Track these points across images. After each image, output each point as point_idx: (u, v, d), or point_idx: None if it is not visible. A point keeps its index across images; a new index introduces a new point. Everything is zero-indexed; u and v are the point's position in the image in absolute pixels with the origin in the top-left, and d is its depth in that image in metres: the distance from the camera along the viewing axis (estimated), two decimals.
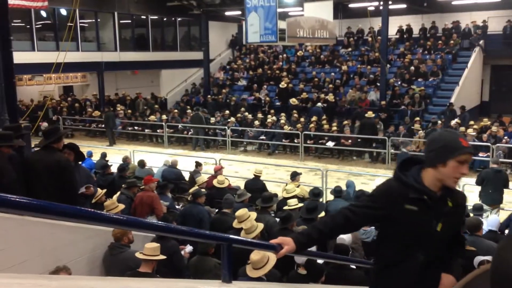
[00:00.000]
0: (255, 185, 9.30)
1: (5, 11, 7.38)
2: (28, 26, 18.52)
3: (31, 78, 21.99)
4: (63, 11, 19.55)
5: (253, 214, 6.18)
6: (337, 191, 8.23)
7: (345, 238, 5.63)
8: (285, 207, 7.19)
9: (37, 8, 16.73)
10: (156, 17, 23.77)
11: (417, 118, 15.67)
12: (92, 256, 4.75)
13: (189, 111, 19.05)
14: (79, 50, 19.94)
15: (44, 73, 19.12)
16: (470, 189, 9.60)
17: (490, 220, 6.92)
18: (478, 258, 4.99)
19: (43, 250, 3.98)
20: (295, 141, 15.99)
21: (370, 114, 15.88)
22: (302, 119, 16.64)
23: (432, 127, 14.39)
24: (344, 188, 8.76)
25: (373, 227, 6.84)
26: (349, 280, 4.82)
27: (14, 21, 17.14)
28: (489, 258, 4.69)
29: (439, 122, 15.17)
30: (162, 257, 4.67)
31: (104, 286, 2.31)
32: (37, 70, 18.08)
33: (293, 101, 18.81)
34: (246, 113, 18.28)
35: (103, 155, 10.82)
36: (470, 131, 12.69)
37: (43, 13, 18.89)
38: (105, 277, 4.37)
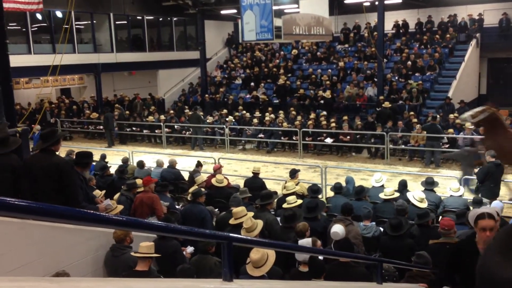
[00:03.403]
0: (254, 183, 9.30)
1: (0, 14, 7.36)
2: (24, 29, 18.47)
3: (28, 81, 21.97)
4: (59, 13, 19.52)
5: (250, 213, 6.20)
6: (337, 188, 8.25)
7: (339, 231, 5.64)
8: (284, 205, 7.20)
9: (32, 11, 16.69)
10: (152, 17, 23.75)
11: (412, 113, 15.72)
12: (94, 258, 4.76)
13: (187, 110, 19.04)
14: (76, 52, 19.91)
15: (41, 76, 19.08)
16: None
17: (495, 205, 6.95)
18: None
19: (44, 253, 3.98)
20: (294, 138, 16.00)
21: (386, 104, 16.29)
22: (299, 117, 16.65)
23: (431, 121, 14.41)
24: (343, 184, 8.78)
25: (373, 223, 6.86)
26: (351, 276, 4.84)
27: (10, 24, 17.09)
28: None
29: (438, 116, 15.20)
30: (157, 255, 4.71)
31: (103, 287, 2.31)
32: (34, 73, 18.06)
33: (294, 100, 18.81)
34: (244, 112, 18.28)
35: (103, 157, 10.81)
36: (468, 124, 12.73)
37: (39, 16, 18.85)
38: (106, 278, 4.38)
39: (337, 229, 5.65)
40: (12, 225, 3.72)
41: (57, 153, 5.41)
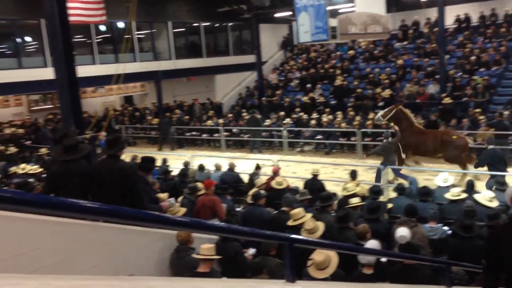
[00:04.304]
0: (314, 185, 9.24)
1: (68, 28, 7.77)
2: (89, 41, 19.39)
3: (94, 90, 23.04)
4: (121, 24, 20.32)
5: (308, 214, 6.16)
6: (399, 188, 8.04)
7: (406, 235, 5.48)
8: (347, 206, 7.10)
9: (96, 22, 17.52)
10: (208, 23, 24.19)
11: (478, 110, 15.02)
12: (160, 259, 4.90)
13: (244, 114, 19.25)
14: (137, 60, 20.62)
15: (105, 84, 19.92)
16: None
17: None
18: None
19: (114, 254, 4.15)
20: (352, 139, 15.75)
21: (447, 100, 15.79)
22: (358, 117, 16.37)
23: (498, 118, 13.71)
24: (406, 185, 8.54)
25: (440, 224, 6.62)
26: (417, 279, 4.69)
27: (76, 36, 18.00)
28: None
29: (506, 112, 14.43)
30: (217, 256, 4.79)
31: (173, 286, 2.38)
32: (99, 82, 18.86)
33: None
34: (301, 113, 18.22)
35: (164, 161, 11.12)
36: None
37: (102, 28, 19.73)
38: (174, 278, 4.49)
39: (404, 232, 5.49)
40: (84, 227, 3.91)
41: (122, 157, 5.63)
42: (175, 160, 13.82)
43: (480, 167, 10.64)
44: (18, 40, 17.62)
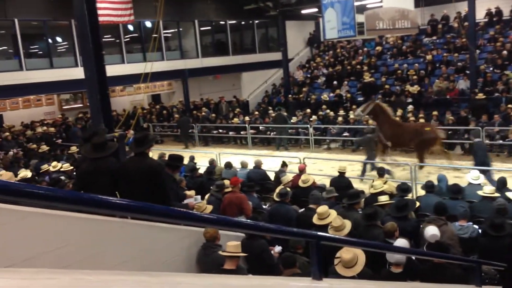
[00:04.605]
0: (341, 183, 9.18)
1: (97, 28, 7.91)
2: (117, 41, 19.71)
3: (122, 89, 23.42)
4: (148, 24, 20.59)
5: (333, 212, 6.13)
6: (428, 186, 7.90)
7: (436, 233, 5.39)
8: (375, 204, 7.03)
9: (125, 22, 17.80)
10: (234, 21, 24.27)
11: (510, 105, 14.63)
12: (187, 255, 4.95)
13: (270, 111, 19.24)
14: (164, 59, 20.87)
15: (133, 83, 20.21)
16: None
17: None
18: None
19: (142, 250, 4.21)
20: None
21: (480, 95, 15.59)
22: None
23: None
24: (435, 182, 8.39)
25: (470, 223, 6.49)
26: (447, 278, 4.62)
27: (105, 36, 18.31)
28: None
29: None
30: (244, 254, 4.81)
31: (200, 283, 2.41)
32: (127, 81, 19.15)
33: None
34: (328, 110, 18.10)
35: (191, 158, 11.21)
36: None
37: (130, 27, 20.03)
38: (201, 274, 4.54)
39: (434, 231, 5.41)
40: (113, 224, 3.99)
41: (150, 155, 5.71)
42: (202, 158, 13.93)
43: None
44: (50, 40, 18.03)
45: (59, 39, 19.18)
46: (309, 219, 6.41)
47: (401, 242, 5.09)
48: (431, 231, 5.45)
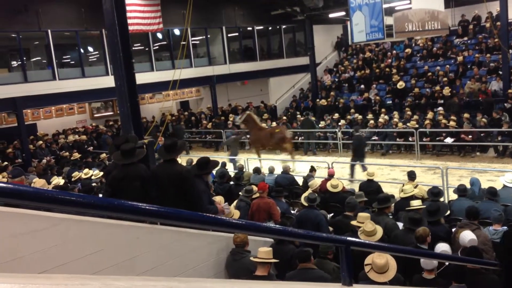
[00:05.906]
0: (370, 187, 9.06)
1: (127, 37, 8.06)
2: (147, 49, 20.03)
3: (151, 96, 23.76)
4: (177, 31, 20.87)
5: (366, 216, 6.06)
6: (461, 190, 7.72)
7: (474, 238, 5.26)
8: (408, 209, 6.90)
9: (154, 31, 18.10)
10: (261, 27, 24.34)
11: None
12: (216, 261, 4.96)
13: (298, 116, 19.18)
14: (192, 66, 21.07)
15: (162, 90, 20.48)
16: None
17: None
18: None
19: (171, 256, 4.25)
20: (410, 139, 15.33)
21: None
22: (415, 117, 15.89)
23: None
24: (468, 186, 8.19)
25: (505, 227, 6.30)
26: (481, 284, 4.49)
27: (135, 45, 18.64)
28: None
29: None
30: (275, 260, 4.77)
31: None
32: (156, 88, 19.43)
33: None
34: (356, 114, 17.92)
35: (223, 164, 11.27)
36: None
37: (159, 35, 20.33)
38: (230, 280, 4.54)
39: (471, 236, 5.28)
40: (143, 230, 4.04)
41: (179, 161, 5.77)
42: (229, 163, 13.99)
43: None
44: (81, 50, 18.47)
45: (90, 48, 19.63)
46: (346, 226, 6.35)
47: (443, 247, 4.98)
48: (469, 235, 5.31)
